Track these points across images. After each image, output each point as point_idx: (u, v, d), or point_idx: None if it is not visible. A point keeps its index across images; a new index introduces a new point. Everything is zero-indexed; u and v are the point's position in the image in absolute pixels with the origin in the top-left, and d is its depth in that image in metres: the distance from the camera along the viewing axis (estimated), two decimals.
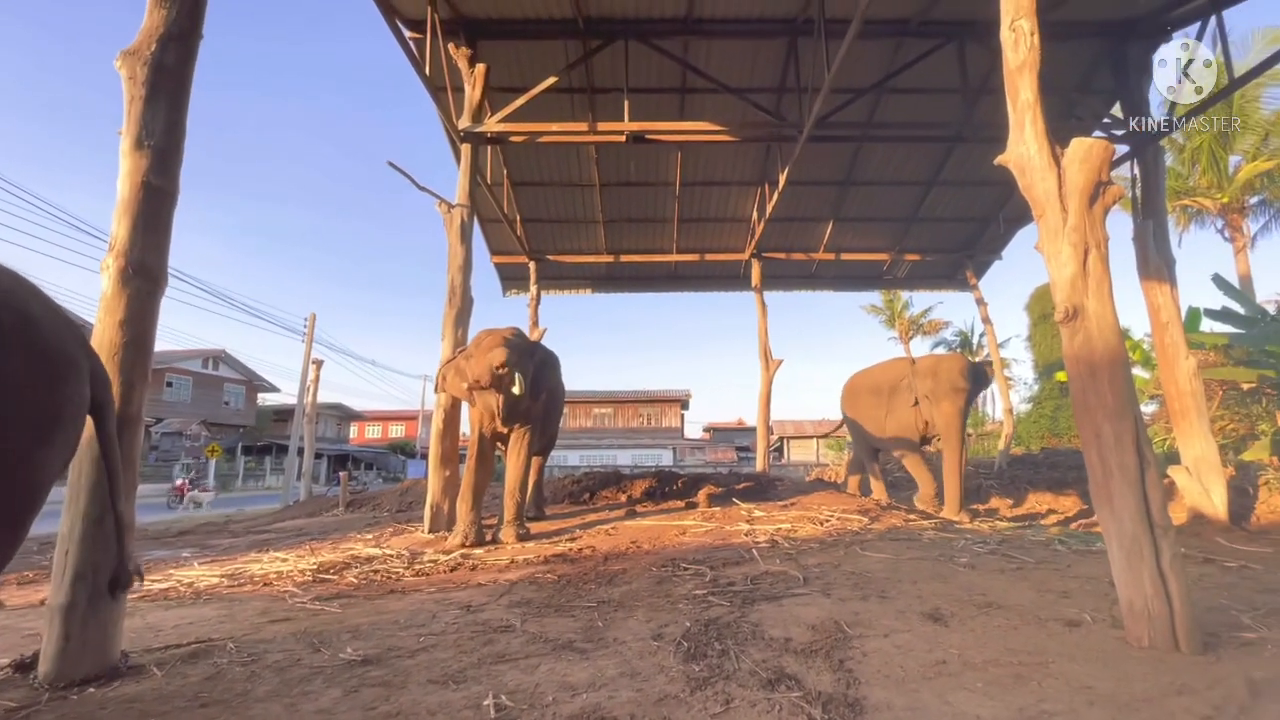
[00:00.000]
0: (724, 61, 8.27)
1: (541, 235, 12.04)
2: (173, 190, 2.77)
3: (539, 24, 7.64)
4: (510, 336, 5.61)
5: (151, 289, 2.66)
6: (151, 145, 2.68)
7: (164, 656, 2.54)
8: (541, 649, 2.58)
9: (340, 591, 3.89)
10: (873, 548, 4.64)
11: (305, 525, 8.57)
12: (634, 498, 8.24)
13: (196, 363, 32.91)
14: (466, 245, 6.97)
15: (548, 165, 10.30)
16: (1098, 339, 2.71)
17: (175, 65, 2.77)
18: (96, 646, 2.30)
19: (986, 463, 10.83)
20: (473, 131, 7.36)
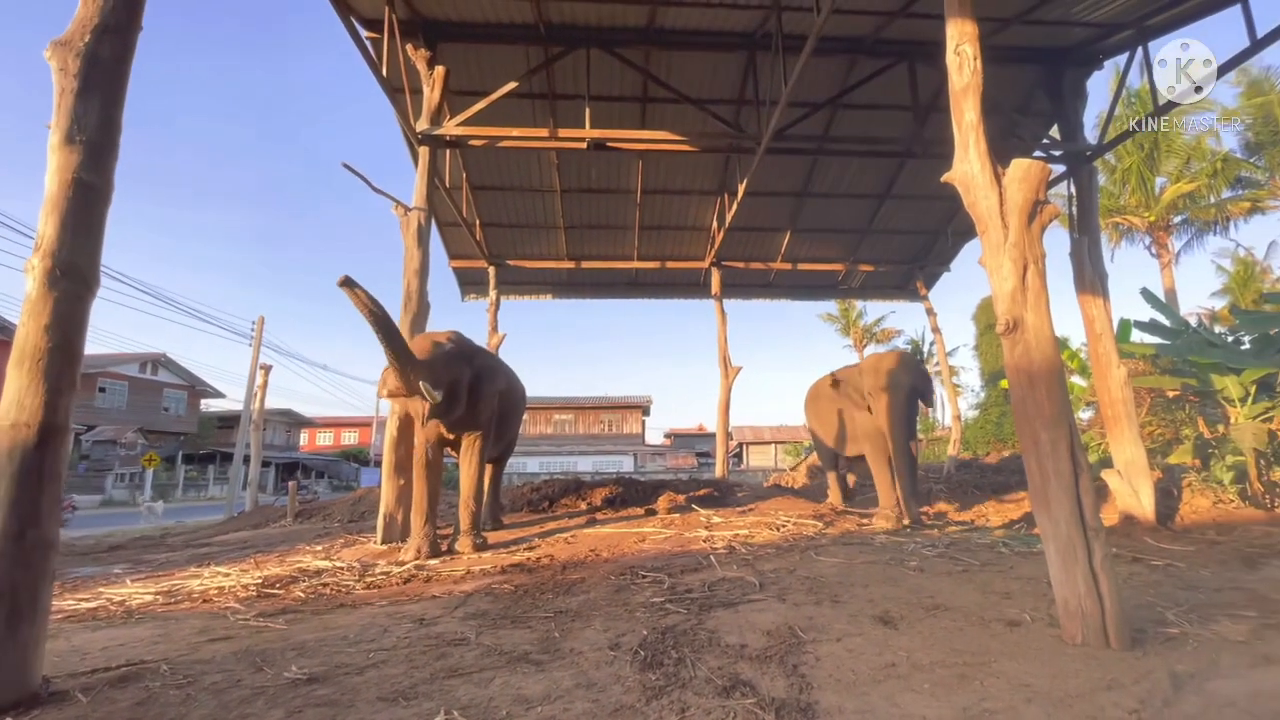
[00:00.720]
0: (685, 72, 8.38)
1: (501, 240, 11.91)
2: (106, 188, 2.63)
3: (500, 28, 7.59)
4: (442, 342, 5.44)
5: (81, 291, 2.52)
6: (84, 140, 2.54)
7: (90, 681, 2.39)
8: (496, 662, 2.54)
9: (286, 607, 3.74)
10: (827, 552, 4.73)
11: (250, 537, 8.22)
12: (594, 505, 8.18)
13: (134, 367, 31.28)
14: (424, 249, 6.84)
15: (508, 170, 10.22)
16: (1036, 350, 2.84)
17: (111, 58, 2.64)
18: (15, 672, 2.15)
19: (936, 467, 11.19)
20: (431, 134, 7.24)
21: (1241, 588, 3.50)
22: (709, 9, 7.33)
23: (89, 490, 24.25)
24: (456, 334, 5.76)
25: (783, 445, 34.54)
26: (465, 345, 5.76)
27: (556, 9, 7.33)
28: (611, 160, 9.95)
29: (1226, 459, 6.46)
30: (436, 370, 5.13)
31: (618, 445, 36.33)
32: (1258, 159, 16.96)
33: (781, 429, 38.22)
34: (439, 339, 5.49)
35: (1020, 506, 8.40)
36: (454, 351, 5.46)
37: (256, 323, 18.73)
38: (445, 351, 5.34)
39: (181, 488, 27.71)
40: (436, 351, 5.25)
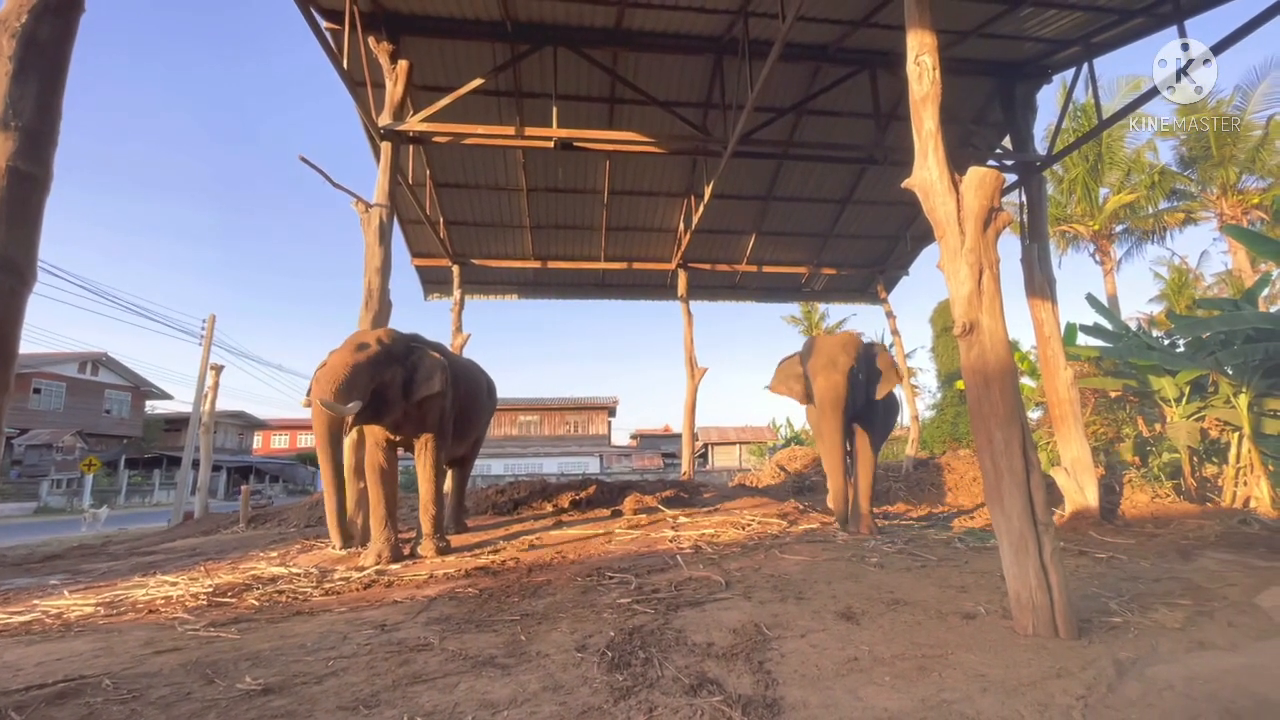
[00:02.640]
0: (652, 74, 8.41)
1: (466, 238, 11.74)
2: (44, 177, 2.49)
3: (465, 24, 7.48)
4: (367, 343, 5.12)
5: (16, 285, 2.37)
6: (20, 126, 2.40)
7: (25, 699, 2.26)
8: (461, 667, 2.50)
9: (239, 616, 3.61)
10: (791, 550, 4.81)
11: (200, 544, 7.89)
12: (561, 507, 8.12)
13: (72, 367, 29.71)
14: (385, 246, 6.69)
15: (473, 167, 10.08)
16: (990, 352, 2.94)
17: (51, 40, 2.50)
18: None
19: (895, 466, 11.49)
20: (393, 130, 7.09)
21: (1177, 578, 3.69)
22: (677, 12, 7.37)
23: (22, 497, 22.95)
24: (392, 332, 5.46)
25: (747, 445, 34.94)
26: (397, 346, 5.38)
27: (524, 6, 7.27)
28: (579, 160, 9.92)
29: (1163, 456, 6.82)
30: (354, 379, 4.82)
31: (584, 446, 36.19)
32: (1191, 172, 17.94)
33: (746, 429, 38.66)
34: (366, 339, 5.19)
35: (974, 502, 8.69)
36: (378, 355, 5.09)
37: (207, 321, 18.01)
38: (368, 357, 5.00)
39: (125, 493, 26.46)
40: (357, 357, 4.94)
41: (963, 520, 7.57)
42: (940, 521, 7.76)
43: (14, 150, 2.38)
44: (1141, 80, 14.41)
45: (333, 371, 4.79)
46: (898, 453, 15.67)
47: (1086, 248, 19.80)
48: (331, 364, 4.88)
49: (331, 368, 4.83)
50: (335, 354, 5.01)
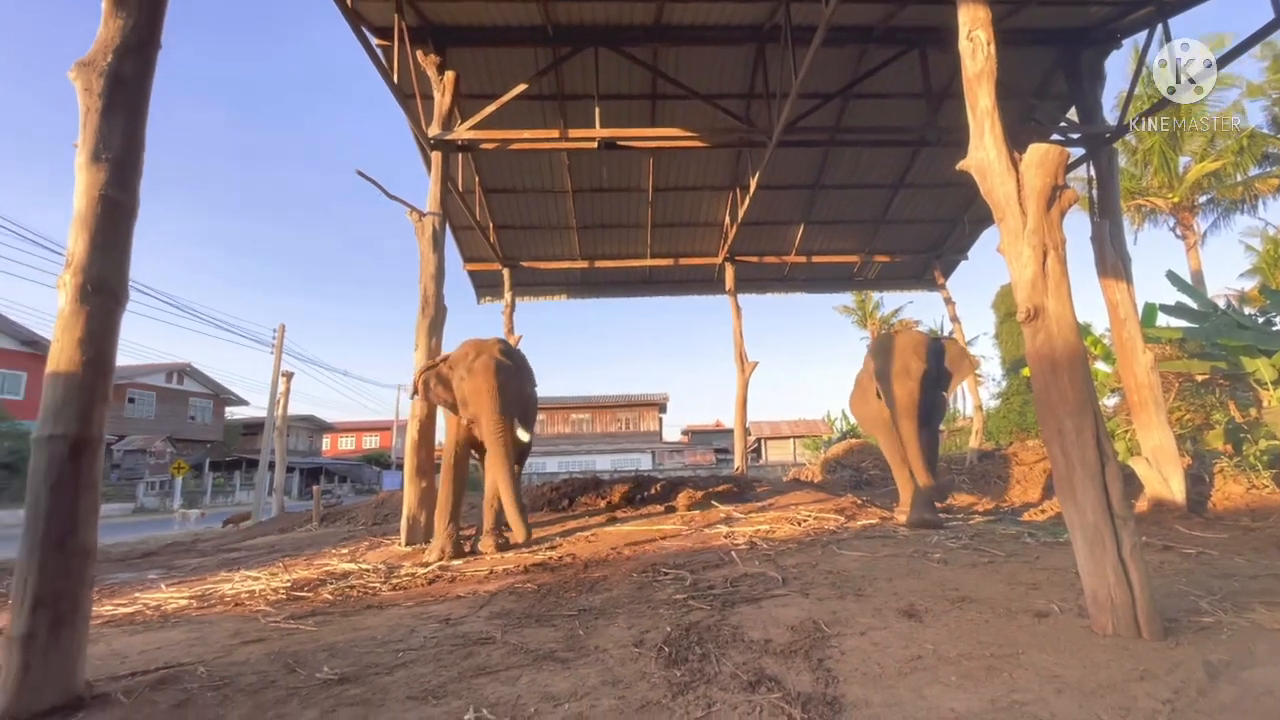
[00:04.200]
0: (693, 68, 8.35)
1: (515, 242, 11.98)
2: (132, 204, 2.70)
3: (508, 30, 7.62)
4: (506, 364, 5.62)
5: (112, 305, 2.59)
6: (109, 158, 2.61)
7: (131, 684, 2.46)
8: (522, 660, 2.57)
9: (315, 609, 3.81)
10: (849, 546, 4.71)
11: (278, 542, 8.37)
12: (613, 503, 8.21)
13: (160, 377, 31.97)
14: (439, 253, 6.91)
15: (520, 172, 10.27)
16: (1058, 338, 2.80)
17: (133, 77, 2.70)
18: (59, 676, 2.22)
19: (958, 458, 11.07)
20: (443, 139, 7.30)
21: (1278, 574, 3.42)
22: (716, 3, 7.30)
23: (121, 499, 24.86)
24: (502, 343, 5.92)
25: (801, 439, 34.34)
26: (512, 354, 5.97)
27: (564, 9, 7.35)
28: (622, 159, 9.95)
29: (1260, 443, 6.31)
30: (512, 405, 5.51)
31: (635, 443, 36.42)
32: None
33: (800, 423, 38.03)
34: (498, 356, 5.61)
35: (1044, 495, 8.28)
36: (514, 371, 5.73)
37: (277, 330, 19.05)
38: (512, 377, 5.63)
39: (210, 494, 28.31)
40: (505, 378, 5.48)
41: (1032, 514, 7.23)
42: (1007, 516, 7.43)
43: (105, 180, 2.58)
44: (1226, 37, 13.29)
45: (502, 392, 5.37)
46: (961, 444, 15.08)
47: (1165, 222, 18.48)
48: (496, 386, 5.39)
49: (494, 389, 5.35)
50: (489, 376, 5.41)
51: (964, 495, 9.27)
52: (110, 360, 2.59)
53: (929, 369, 5.77)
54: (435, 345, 6.63)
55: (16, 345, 24.71)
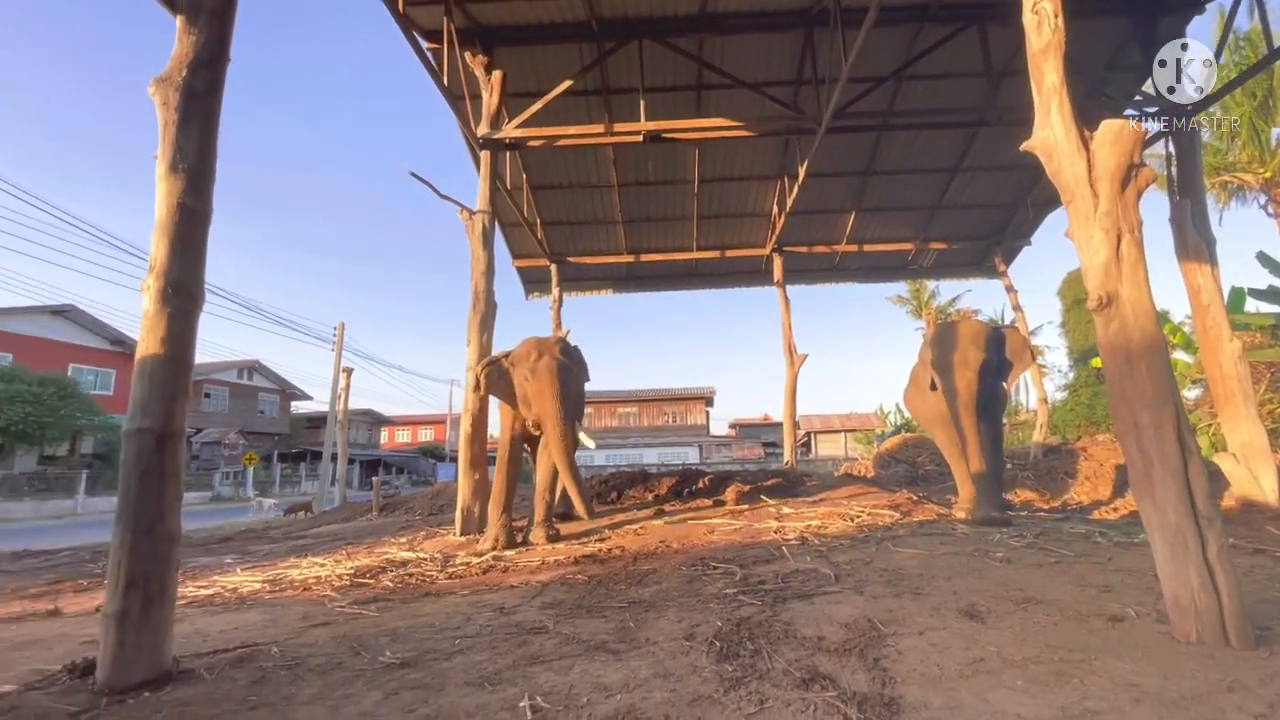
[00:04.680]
0: (739, 57, 8.22)
1: (562, 238, 12.11)
2: (206, 210, 2.86)
3: (553, 28, 7.68)
4: (567, 364, 5.78)
5: (190, 307, 2.75)
6: (185, 168, 2.76)
7: (212, 661, 2.63)
8: (575, 650, 2.61)
9: (377, 595, 3.98)
10: (905, 544, 4.58)
11: (341, 530, 8.77)
12: (661, 496, 8.24)
13: (232, 373, 33.87)
14: (489, 251, 7.05)
15: (566, 168, 10.36)
16: (1134, 326, 2.63)
17: (205, 90, 2.85)
18: (150, 652, 2.39)
19: (1021, 453, 10.59)
20: (491, 138, 7.43)
21: None
22: None
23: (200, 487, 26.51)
24: (563, 343, 6.08)
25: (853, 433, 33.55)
26: (571, 354, 6.13)
27: (608, 4, 7.35)
28: (668, 151, 9.90)
29: None
30: (573, 406, 5.71)
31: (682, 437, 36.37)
32: None
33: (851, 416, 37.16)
34: (559, 357, 5.76)
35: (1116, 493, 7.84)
36: (574, 371, 5.91)
37: (338, 329, 19.87)
38: (572, 378, 5.81)
39: (278, 484, 29.85)
40: (566, 380, 5.64)
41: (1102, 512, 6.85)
42: (1075, 514, 7.07)
43: (182, 189, 2.74)
44: None
45: (565, 395, 5.55)
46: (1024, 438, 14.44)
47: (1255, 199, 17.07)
48: (560, 390, 5.54)
49: (558, 393, 5.51)
50: (553, 380, 5.57)
51: (1027, 491, 8.87)
52: (189, 358, 2.75)
53: (988, 359, 5.54)
54: (486, 341, 6.78)
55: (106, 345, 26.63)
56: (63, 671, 2.48)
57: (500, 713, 2.02)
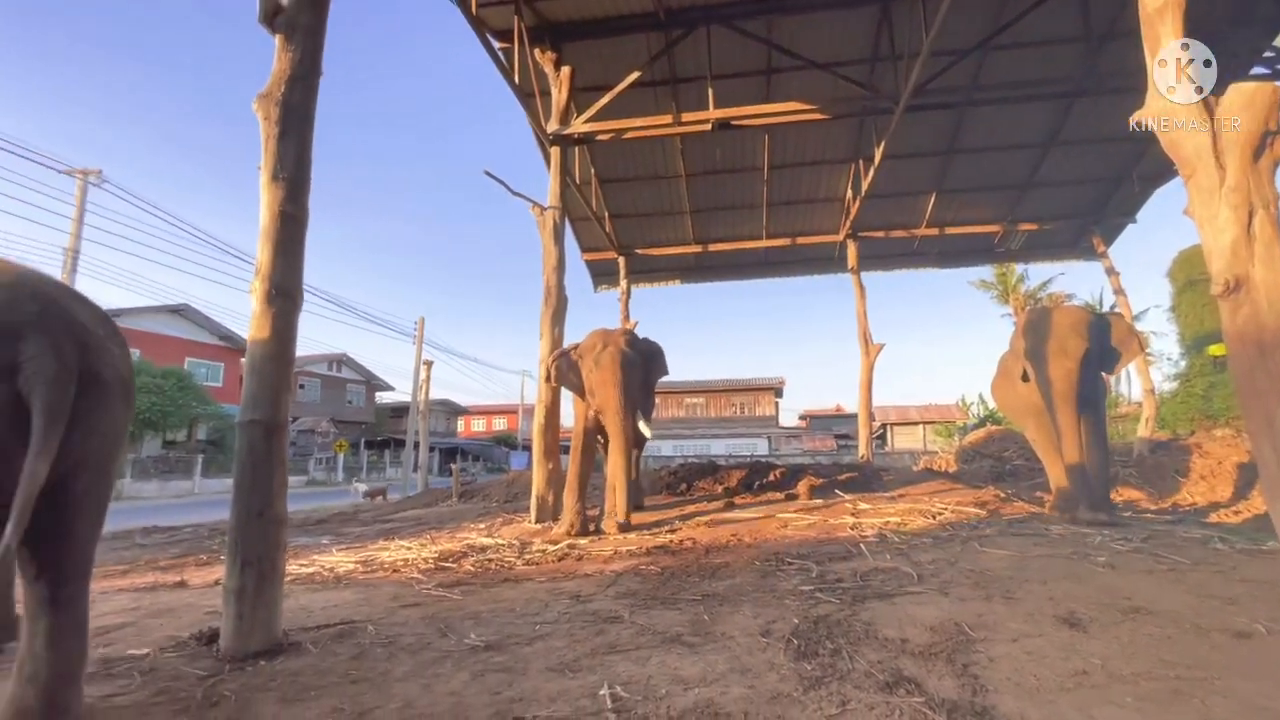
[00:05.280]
0: (811, 37, 7.95)
1: (630, 230, 12.18)
2: (304, 216, 3.06)
3: (620, 20, 7.69)
4: (630, 354, 5.87)
5: (290, 307, 2.96)
6: (284, 177, 2.97)
7: (316, 636, 2.84)
8: (651, 641, 2.64)
9: (460, 579, 4.16)
10: (993, 543, 4.34)
11: (424, 515, 9.24)
12: (731, 489, 8.18)
13: (323, 366, 36.22)
14: (559, 246, 7.18)
15: (634, 160, 10.39)
16: (1268, 313, 2.37)
17: (300, 103, 3.04)
18: (264, 625, 2.61)
19: (1123, 449, 9.79)
20: (561, 134, 7.55)
21: None
22: None
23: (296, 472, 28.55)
24: (629, 334, 6.25)
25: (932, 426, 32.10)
26: (639, 346, 6.23)
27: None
28: (736, 139, 9.74)
29: None
30: (636, 399, 5.86)
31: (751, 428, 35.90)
32: None
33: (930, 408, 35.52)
34: (625, 348, 5.88)
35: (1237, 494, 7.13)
36: (638, 363, 5.99)
37: (418, 323, 20.85)
38: (636, 369, 5.91)
39: (365, 469, 31.76)
40: (629, 370, 5.77)
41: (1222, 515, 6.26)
42: (1189, 516, 6.48)
43: (282, 197, 2.94)
44: None
45: (627, 385, 5.73)
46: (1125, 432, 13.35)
47: None
48: (621, 380, 5.71)
49: (618, 382, 5.69)
50: (615, 369, 5.75)
51: (1131, 490, 8.20)
52: (291, 354, 2.97)
53: (1090, 347, 5.11)
54: (558, 334, 6.93)
55: (216, 340, 29.10)
56: (191, 639, 2.75)
57: (581, 700, 2.07)
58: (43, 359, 1.83)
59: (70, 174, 14.81)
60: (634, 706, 2.00)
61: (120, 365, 2.16)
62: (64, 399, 1.85)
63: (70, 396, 1.87)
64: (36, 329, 1.87)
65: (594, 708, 2.00)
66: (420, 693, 2.19)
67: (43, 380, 1.81)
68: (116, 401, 2.10)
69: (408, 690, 2.21)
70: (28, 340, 1.84)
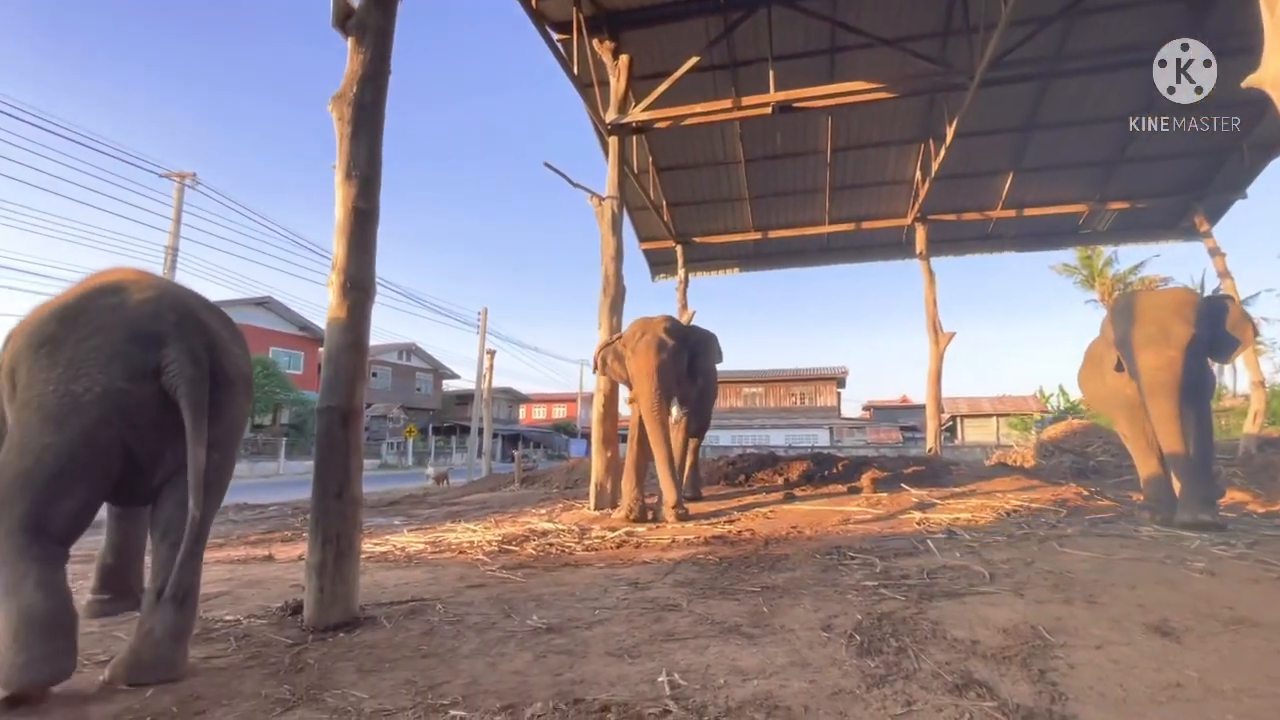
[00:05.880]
0: (877, 12, 7.62)
1: (687, 218, 12.09)
2: (375, 211, 3.19)
3: (679, 5, 7.60)
4: (666, 341, 5.84)
5: (364, 299, 3.10)
6: (357, 175, 3.10)
7: (390, 611, 3.00)
8: (709, 630, 2.64)
9: (522, 562, 4.29)
10: (1074, 543, 4.11)
11: (488, 499, 9.56)
12: (791, 480, 8.07)
13: (394, 355, 37.88)
14: (618, 235, 7.21)
15: (691, 147, 10.29)
16: None
17: (371, 102, 3.17)
18: (343, 600, 2.78)
19: (1227, 446, 9.00)
20: (619, 123, 7.55)
21: None
22: None
23: (370, 456, 30.09)
24: (670, 320, 6.19)
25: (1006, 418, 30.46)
26: (681, 333, 6.20)
27: None
28: (798, 122, 9.47)
29: None
30: (669, 383, 5.84)
31: (811, 419, 35.14)
32: None
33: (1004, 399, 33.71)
34: (661, 335, 5.89)
35: None
36: (676, 350, 5.97)
37: (481, 314, 21.48)
38: (672, 355, 5.90)
39: (433, 454, 33.11)
40: (665, 357, 5.80)
41: None
42: None
43: (355, 194, 3.07)
44: None
45: (661, 372, 5.78)
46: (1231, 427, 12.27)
47: None
48: (655, 366, 5.78)
49: (652, 369, 5.76)
50: (650, 356, 5.81)
51: (1236, 491, 7.52)
52: (365, 344, 3.11)
53: (1198, 333, 4.60)
54: (616, 323, 6.98)
55: (296, 330, 30.90)
56: (278, 609, 2.95)
57: (639, 685, 2.10)
58: (182, 362, 2.19)
59: (168, 177, 16.00)
60: (692, 695, 2.01)
61: (242, 363, 2.53)
62: (203, 395, 2.22)
63: (207, 393, 2.23)
64: (176, 336, 2.22)
65: (652, 693, 2.03)
66: (486, 670, 2.27)
67: (184, 380, 2.17)
68: (239, 394, 2.46)
69: (474, 667, 2.30)
70: (169, 346, 2.19)
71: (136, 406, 2.15)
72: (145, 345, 2.18)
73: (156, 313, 2.26)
